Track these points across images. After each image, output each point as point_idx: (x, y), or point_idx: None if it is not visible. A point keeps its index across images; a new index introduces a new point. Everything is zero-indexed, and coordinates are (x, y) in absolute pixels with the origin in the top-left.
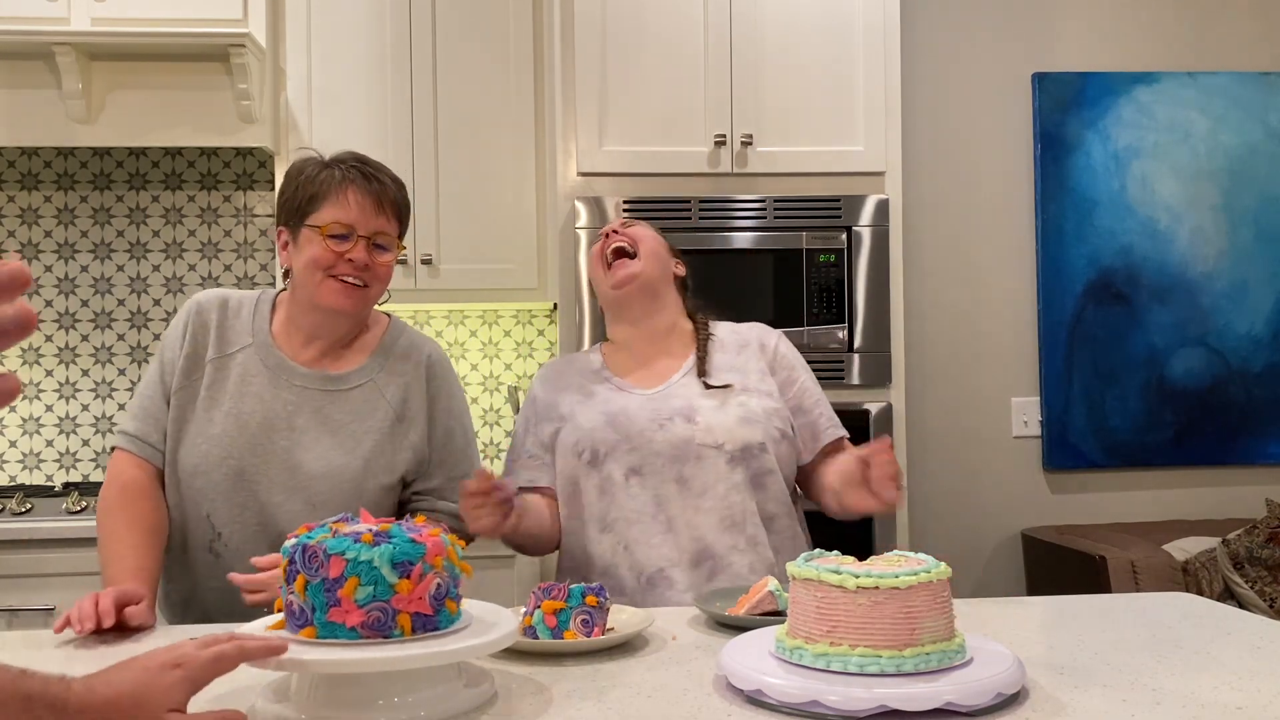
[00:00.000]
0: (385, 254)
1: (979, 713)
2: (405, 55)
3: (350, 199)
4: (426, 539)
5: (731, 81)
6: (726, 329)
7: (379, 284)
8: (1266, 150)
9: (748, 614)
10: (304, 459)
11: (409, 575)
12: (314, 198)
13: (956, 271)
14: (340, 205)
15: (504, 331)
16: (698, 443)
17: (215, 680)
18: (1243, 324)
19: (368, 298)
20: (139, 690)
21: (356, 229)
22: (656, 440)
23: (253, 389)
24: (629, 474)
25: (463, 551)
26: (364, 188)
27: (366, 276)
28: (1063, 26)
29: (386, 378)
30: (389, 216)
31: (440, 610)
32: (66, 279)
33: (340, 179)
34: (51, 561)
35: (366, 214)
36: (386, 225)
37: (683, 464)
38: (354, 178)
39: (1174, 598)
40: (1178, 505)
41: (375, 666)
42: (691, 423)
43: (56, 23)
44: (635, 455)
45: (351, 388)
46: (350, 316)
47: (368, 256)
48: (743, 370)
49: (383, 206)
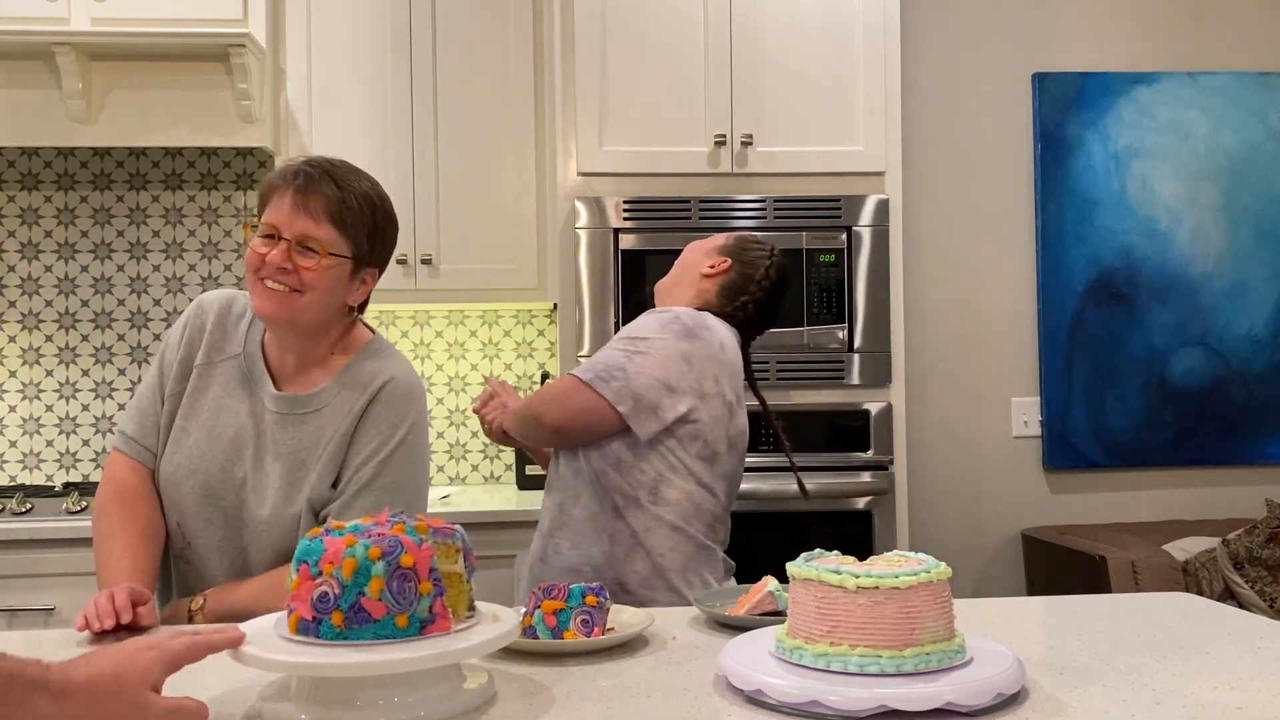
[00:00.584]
0: (310, 257)
1: (979, 713)
2: (405, 55)
3: (282, 201)
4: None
5: (731, 81)
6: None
7: (312, 291)
8: (1266, 150)
9: (748, 614)
10: (248, 498)
11: (300, 573)
12: (261, 199)
13: (956, 271)
14: (273, 207)
15: (504, 331)
16: None
17: (215, 681)
18: (1243, 324)
19: (297, 305)
20: (118, 669)
21: (280, 230)
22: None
23: (230, 403)
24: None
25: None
26: (296, 188)
27: (289, 281)
28: (1063, 26)
29: (340, 403)
30: (319, 220)
31: (323, 620)
32: (66, 279)
33: (281, 182)
34: (51, 561)
35: (293, 216)
36: (314, 229)
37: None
38: (291, 180)
39: (1174, 598)
40: (1178, 505)
41: (374, 669)
42: None
43: (56, 23)
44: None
45: (310, 411)
46: (282, 325)
47: (285, 259)
48: None
49: (309, 209)
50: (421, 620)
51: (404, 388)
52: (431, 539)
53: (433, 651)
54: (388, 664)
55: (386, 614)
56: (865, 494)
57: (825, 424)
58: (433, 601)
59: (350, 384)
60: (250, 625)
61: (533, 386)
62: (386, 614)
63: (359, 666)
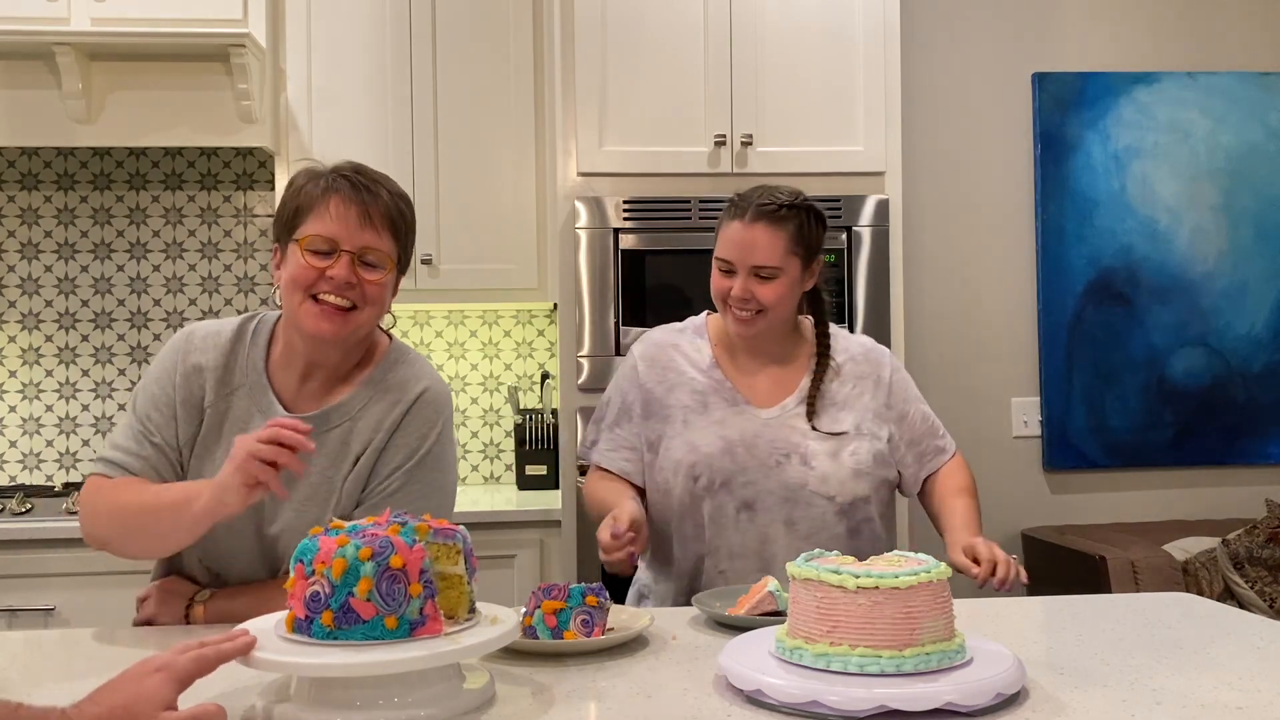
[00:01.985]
0: (374, 272)
1: (979, 713)
2: (405, 55)
3: (333, 210)
4: (331, 544)
5: (731, 82)
6: (846, 347)
7: (370, 307)
8: (1266, 150)
9: (748, 614)
10: (277, 530)
11: (296, 571)
12: (299, 210)
13: (956, 271)
14: (322, 217)
15: (504, 331)
16: (810, 489)
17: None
18: (1243, 324)
19: (354, 321)
20: (129, 702)
21: (340, 243)
22: (771, 478)
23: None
24: (741, 508)
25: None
26: (349, 197)
27: (352, 296)
28: (1063, 26)
29: (369, 415)
30: (379, 230)
31: (314, 619)
32: (66, 279)
33: (325, 188)
34: (51, 561)
35: (350, 226)
36: (376, 240)
37: (793, 506)
38: (340, 187)
39: (1174, 598)
40: (1178, 505)
41: (374, 669)
42: (806, 466)
43: (56, 23)
44: (749, 490)
45: (330, 428)
46: (335, 344)
47: (350, 273)
48: (857, 408)
49: (370, 218)
50: (411, 622)
51: (436, 396)
52: (430, 540)
53: (419, 654)
54: (371, 665)
55: (375, 615)
56: None
57: None
58: (423, 603)
59: (379, 395)
60: (251, 624)
61: (533, 387)
62: (375, 615)
63: (344, 668)
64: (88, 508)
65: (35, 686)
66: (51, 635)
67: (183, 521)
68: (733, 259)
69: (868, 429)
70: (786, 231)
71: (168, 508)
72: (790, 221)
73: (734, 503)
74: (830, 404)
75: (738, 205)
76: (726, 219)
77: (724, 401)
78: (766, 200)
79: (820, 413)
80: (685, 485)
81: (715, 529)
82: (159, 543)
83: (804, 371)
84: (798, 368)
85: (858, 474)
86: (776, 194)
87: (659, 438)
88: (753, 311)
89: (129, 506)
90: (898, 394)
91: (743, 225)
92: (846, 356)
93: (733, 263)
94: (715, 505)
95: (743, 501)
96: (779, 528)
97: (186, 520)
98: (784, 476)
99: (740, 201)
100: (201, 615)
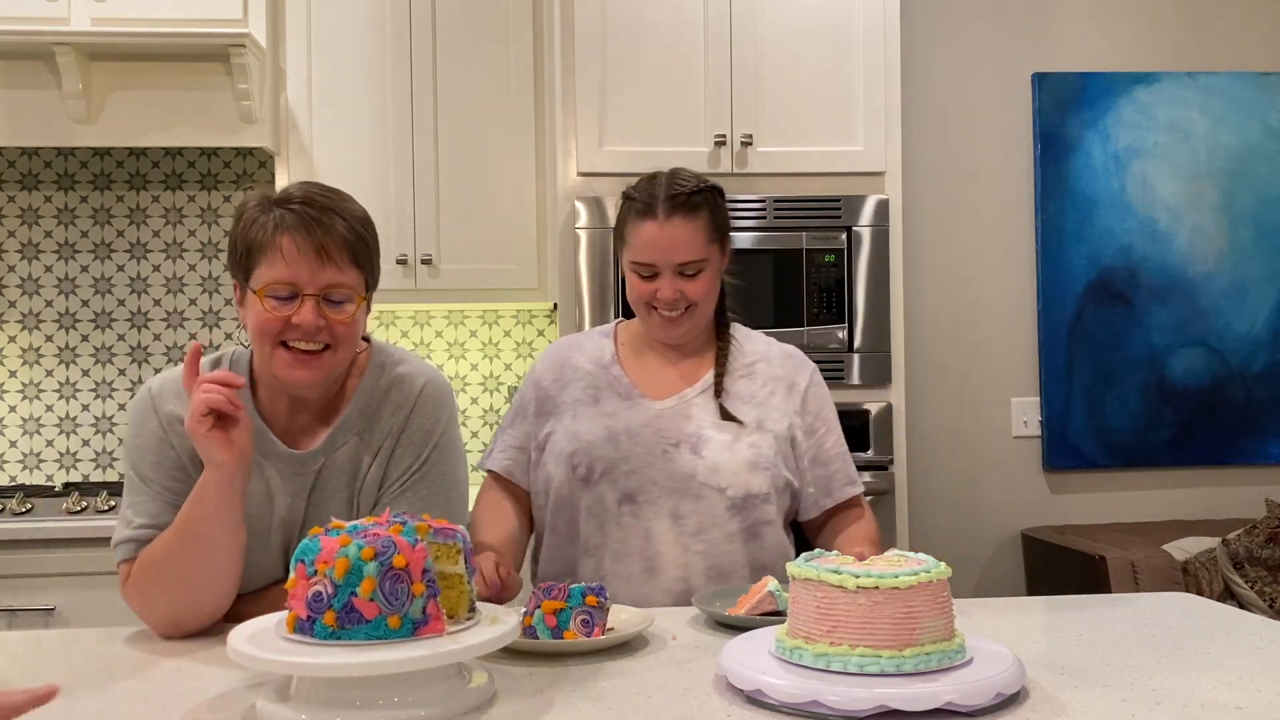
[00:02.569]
0: (341, 310)
1: (979, 713)
2: (405, 55)
3: (286, 252)
4: (333, 544)
5: (731, 81)
6: (759, 348)
7: (344, 345)
8: (1266, 150)
9: (748, 614)
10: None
11: (297, 571)
12: (251, 250)
13: (956, 271)
14: (276, 260)
15: (504, 331)
16: (699, 479)
17: (215, 681)
18: (1243, 324)
19: (330, 363)
20: None
21: (301, 287)
22: (656, 467)
23: (256, 489)
24: (623, 499)
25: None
26: (302, 236)
27: (322, 339)
28: (1063, 26)
29: (373, 428)
30: (339, 265)
31: (316, 619)
32: (66, 279)
33: (275, 225)
34: (51, 561)
35: (309, 267)
36: (338, 275)
37: (679, 499)
38: (290, 224)
39: (1174, 598)
40: (1178, 505)
41: (374, 669)
42: (696, 455)
43: (56, 23)
44: (632, 480)
45: (338, 449)
46: (314, 387)
47: (317, 316)
48: (764, 406)
49: (328, 253)
50: (414, 621)
51: (437, 389)
52: (431, 540)
53: (423, 653)
54: (376, 665)
55: (378, 614)
56: (865, 494)
57: None
58: (426, 603)
59: (379, 401)
60: (250, 625)
61: None
62: (378, 614)
63: (348, 667)
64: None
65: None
66: (51, 635)
67: (211, 519)
68: (654, 261)
69: (771, 426)
70: (703, 219)
71: (192, 521)
72: (704, 208)
73: (615, 494)
74: (736, 398)
75: (643, 203)
76: (634, 219)
77: (617, 395)
78: (675, 191)
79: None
80: (565, 476)
81: (594, 525)
82: (213, 566)
83: (710, 365)
84: (704, 361)
85: (754, 466)
86: (679, 182)
87: (548, 435)
88: (682, 309)
89: (165, 559)
90: (812, 405)
91: (658, 224)
92: (762, 358)
93: (655, 265)
94: (594, 497)
95: (624, 493)
96: (664, 522)
97: (212, 514)
98: (671, 466)
99: (644, 198)
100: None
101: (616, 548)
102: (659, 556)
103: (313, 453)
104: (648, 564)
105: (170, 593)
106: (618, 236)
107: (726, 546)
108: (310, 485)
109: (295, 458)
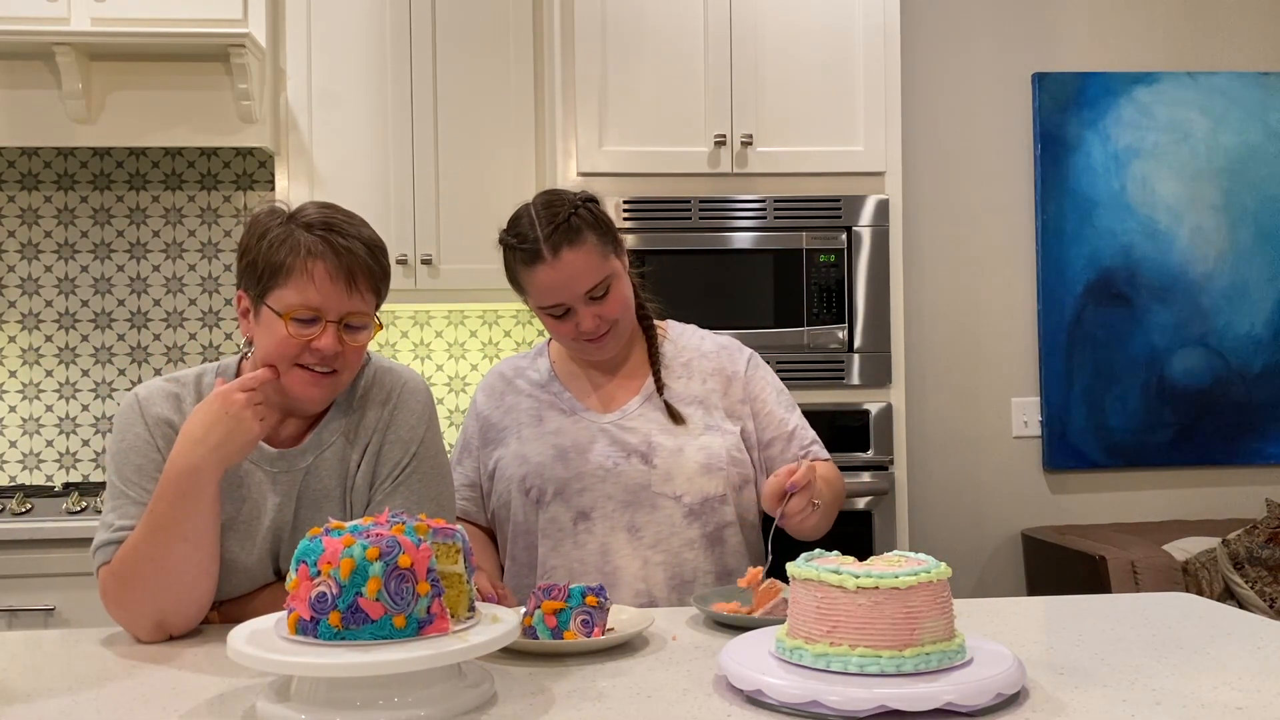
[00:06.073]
0: (359, 335)
1: (979, 713)
2: (405, 55)
3: (317, 277)
4: (337, 545)
5: (731, 81)
6: (691, 342)
7: (352, 368)
8: (1266, 150)
9: (762, 615)
10: (284, 561)
11: (299, 573)
12: (275, 270)
13: (956, 271)
14: (304, 285)
15: (504, 331)
16: (653, 489)
17: (215, 681)
18: (1243, 324)
19: (339, 384)
20: None
21: (324, 313)
22: (609, 482)
23: (248, 493)
24: (578, 518)
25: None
26: (333, 263)
27: (337, 363)
28: (1063, 26)
29: (359, 424)
30: (363, 292)
31: (320, 620)
32: (66, 279)
33: (306, 251)
34: (51, 561)
35: (337, 294)
36: (360, 304)
37: (635, 511)
38: (321, 251)
39: (1174, 598)
40: (1178, 505)
41: (371, 670)
42: (648, 465)
43: (56, 23)
44: (585, 497)
45: (325, 449)
46: (323, 404)
47: (336, 342)
48: (707, 403)
49: (355, 283)
50: (419, 621)
51: (416, 387)
52: (431, 539)
53: (430, 652)
54: (384, 665)
55: (384, 614)
56: (865, 494)
57: (825, 424)
58: (430, 602)
59: (359, 402)
60: (250, 625)
61: None
62: (384, 614)
63: (356, 667)
64: (115, 596)
65: (35, 686)
66: (51, 635)
67: (191, 497)
68: (561, 300)
69: (718, 423)
70: (589, 239)
71: (169, 498)
72: (583, 227)
73: (569, 514)
74: (679, 399)
75: (526, 250)
76: (523, 267)
77: (560, 412)
78: (551, 223)
79: (669, 401)
80: (519, 502)
81: (550, 546)
82: (194, 561)
83: (645, 364)
84: (639, 363)
85: (707, 469)
86: (549, 211)
87: (496, 462)
88: (606, 329)
89: (142, 549)
90: (754, 389)
91: (548, 265)
92: (697, 353)
93: (563, 303)
94: (548, 519)
95: (579, 511)
96: (621, 536)
97: (196, 492)
98: (623, 479)
99: (524, 244)
100: (216, 618)
101: (574, 567)
102: (617, 571)
103: (299, 450)
104: (606, 580)
105: (150, 590)
106: (514, 285)
107: (687, 554)
108: (298, 486)
109: (281, 456)
